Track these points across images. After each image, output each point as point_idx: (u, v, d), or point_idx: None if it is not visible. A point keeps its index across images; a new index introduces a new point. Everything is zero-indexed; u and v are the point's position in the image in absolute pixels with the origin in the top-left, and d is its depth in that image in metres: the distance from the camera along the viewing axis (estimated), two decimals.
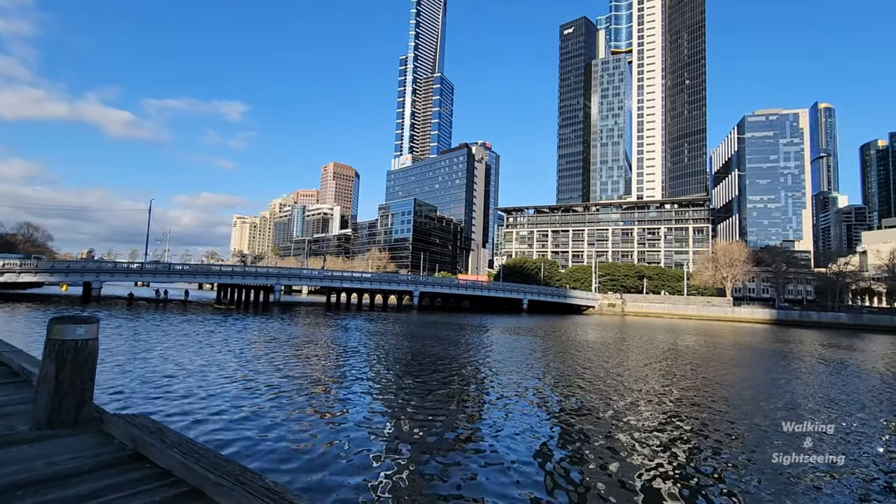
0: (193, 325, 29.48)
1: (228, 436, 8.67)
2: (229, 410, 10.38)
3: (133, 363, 15.55)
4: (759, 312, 79.64)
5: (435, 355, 21.39)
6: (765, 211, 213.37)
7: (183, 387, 12.44)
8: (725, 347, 33.19)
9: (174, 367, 15.20)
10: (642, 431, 10.47)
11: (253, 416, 10.01)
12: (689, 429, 10.99)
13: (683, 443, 9.87)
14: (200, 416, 9.86)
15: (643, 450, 9.18)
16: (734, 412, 12.92)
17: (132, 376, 13.47)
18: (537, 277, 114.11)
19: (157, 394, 11.59)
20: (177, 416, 9.78)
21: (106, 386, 11.84)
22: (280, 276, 62.84)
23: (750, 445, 9.82)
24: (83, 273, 50.85)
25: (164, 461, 3.47)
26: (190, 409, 10.35)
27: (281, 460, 7.66)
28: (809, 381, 19.47)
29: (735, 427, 11.25)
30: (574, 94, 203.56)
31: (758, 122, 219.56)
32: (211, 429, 9.03)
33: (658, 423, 11.31)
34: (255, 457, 7.67)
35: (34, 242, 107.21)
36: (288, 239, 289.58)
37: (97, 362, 4.49)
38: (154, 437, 3.69)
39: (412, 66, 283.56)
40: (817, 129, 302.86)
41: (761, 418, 12.13)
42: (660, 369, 20.69)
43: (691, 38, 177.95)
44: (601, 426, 10.83)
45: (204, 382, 13.13)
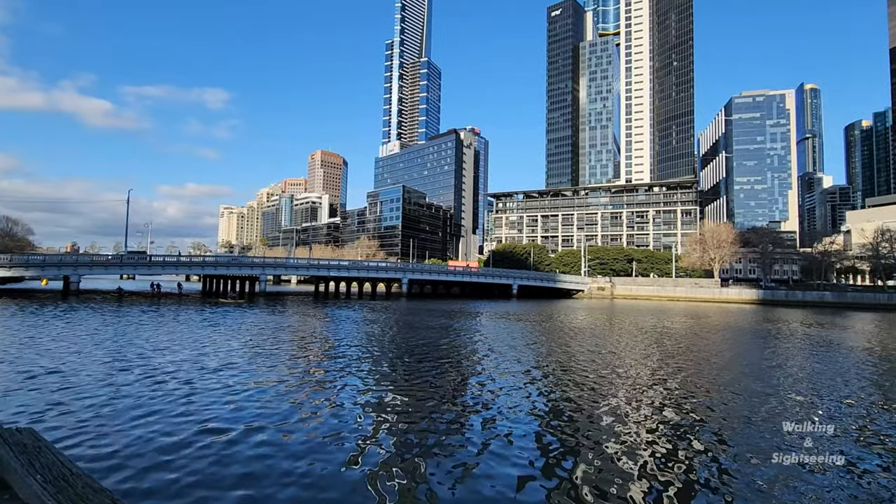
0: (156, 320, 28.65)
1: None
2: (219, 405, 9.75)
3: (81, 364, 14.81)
4: (746, 293, 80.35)
5: (424, 343, 20.90)
6: (752, 192, 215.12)
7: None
8: (712, 329, 33.15)
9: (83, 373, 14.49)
10: (630, 418, 10.06)
11: (249, 410, 9.40)
12: (676, 416, 10.61)
13: (669, 430, 9.46)
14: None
15: (631, 436, 8.78)
16: (720, 397, 12.57)
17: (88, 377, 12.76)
18: (527, 262, 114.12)
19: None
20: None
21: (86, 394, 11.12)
22: (265, 266, 61.78)
23: (732, 430, 9.44)
24: (60, 266, 49.45)
25: (23, 492, 2.87)
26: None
27: (278, 445, 7.15)
28: (794, 362, 19.29)
29: (720, 412, 10.89)
30: (562, 77, 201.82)
31: (745, 104, 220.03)
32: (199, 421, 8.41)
33: (645, 410, 10.92)
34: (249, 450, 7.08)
35: (14, 237, 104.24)
36: (276, 228, 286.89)
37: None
38: (21, 460, 3.07)
39: (398, 50, 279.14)
40: (803, 110, 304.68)
41: (744, 400, 11.81)
42: (646, 353, 20.40)
43: (679, 20, 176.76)
44: (588, 413, 10.43)
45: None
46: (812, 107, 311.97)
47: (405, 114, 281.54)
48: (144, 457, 7.23)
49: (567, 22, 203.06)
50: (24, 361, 14.39)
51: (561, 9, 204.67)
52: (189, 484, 6.43)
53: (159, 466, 6.94)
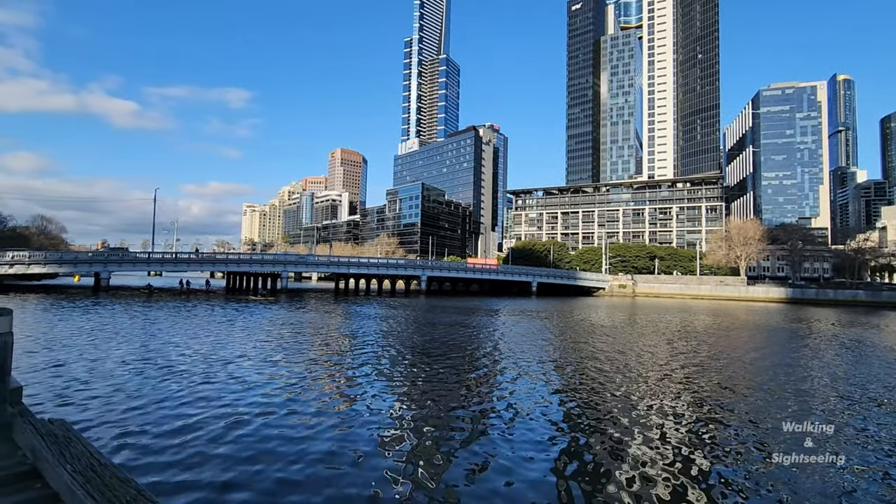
0: (199, 314, 29.34)
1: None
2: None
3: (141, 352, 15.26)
4: (773, 291, 78.00)
5: (444, 340, 20.91)
6: (780, 188, 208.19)
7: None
8: (738, 328, 32.29)
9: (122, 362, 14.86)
10: (648, 419, 9.86)
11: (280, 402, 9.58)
12: (698, 419, 10.34)
13: (690, 435, 9.23)
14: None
15: (647, 437, 8.59)
16: (742, 399, 12.22)
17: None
18: (546, 260, 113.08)
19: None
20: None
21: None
22: (287, 263, 62.70)
23: (751, 433, 9.15)
24: (91, 264, 51.14)
25: (54, 481, 2.93)
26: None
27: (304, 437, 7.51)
28: (823, 362, 18.62)
29: (746, 415, 10.57)
30: (583, 72, 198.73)
31: (773, 97, 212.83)
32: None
33: (665, 411, 10.68)
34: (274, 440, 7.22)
35: (48, 235, 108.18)
36: (297, 226, 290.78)
37: (11, 359, 3.95)
38: (53, 450, 3.13)
39: (417, 48, 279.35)
40: (836, 102, 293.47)
41: (768, 401, 11.44)
42: (669, 352, 19.98)
43: (704, 10, 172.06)
44: (607, 413, 10.28)
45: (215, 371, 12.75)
46: (845, 99, 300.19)
47: (424, 111, 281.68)
48: (171, 448, 7.40)
49: (588, 16, 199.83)
50: (58, 353, 14.90)
51: (581, 3, 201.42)
52: (218, 474, 6.54)
53: (186, 456, 7.12)
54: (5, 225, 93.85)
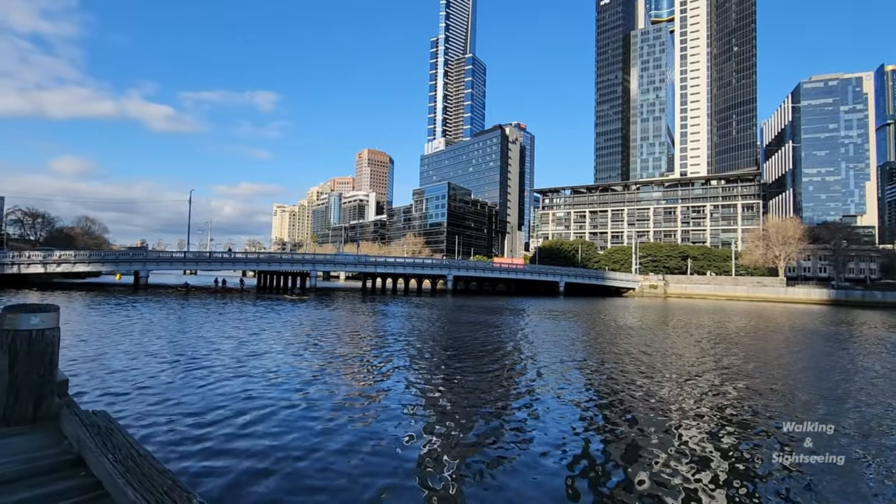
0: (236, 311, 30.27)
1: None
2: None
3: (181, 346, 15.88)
4: (815, 292, 74.67)
5: (467, 339, 20.91)
6: (822, 184, 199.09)
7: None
8: (773, 330, 31.03)
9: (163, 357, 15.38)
10: (668, 422, 9.60)
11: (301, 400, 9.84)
12: (720, 424, 10.00)
13: (711, 440, 8.94)
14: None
15: (664, 440, 8.36)
16: (769, 403, 11.74)
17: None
18: (574, 259, 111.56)
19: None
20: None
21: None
22: (315, 263, 63.92)
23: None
24: (131, 263, 53.46)
25: (97, 470, 3.09)
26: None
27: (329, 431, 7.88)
28: (862, 367, 17.70)
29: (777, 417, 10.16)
30: (612, 67, 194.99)
31: (815, 89, 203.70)
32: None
33: (695, 421, 10.37)
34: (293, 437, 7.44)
35: (92, 235, 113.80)
36: (325, 226, 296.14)
37: (58, 353, 4.18)
38: (96, 440, 3.31)
39: (443, 47, 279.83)
40: (883, 94, 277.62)
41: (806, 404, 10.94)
42: (701, 354, 19.39)
43: (740, 2, 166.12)
44: (626, 415, 10.03)
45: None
46: (894, 90, 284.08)
47: (450, 111, 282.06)
48: (201, 437, 7.67)
49: (617, 10, 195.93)
50: (99, 347, 15.62)
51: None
52: (244, 462, 6.75)
53: (215, 443, 7.38)
54: (53, 226, 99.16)
